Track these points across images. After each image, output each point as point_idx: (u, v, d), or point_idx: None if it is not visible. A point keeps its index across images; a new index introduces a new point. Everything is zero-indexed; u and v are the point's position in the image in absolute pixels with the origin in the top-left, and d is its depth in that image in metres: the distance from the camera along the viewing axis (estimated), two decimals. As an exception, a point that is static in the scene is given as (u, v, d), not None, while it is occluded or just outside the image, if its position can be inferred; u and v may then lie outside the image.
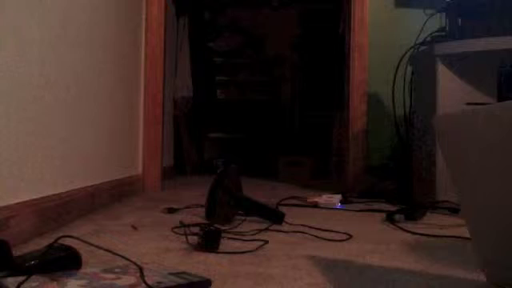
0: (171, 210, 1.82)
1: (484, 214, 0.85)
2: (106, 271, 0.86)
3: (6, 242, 0.88)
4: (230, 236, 1.33)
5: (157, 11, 2.72)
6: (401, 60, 2.40)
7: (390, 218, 1.71)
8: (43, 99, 1.38)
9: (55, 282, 0.78)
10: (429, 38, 2.25)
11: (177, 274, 0.87)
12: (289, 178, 3.93)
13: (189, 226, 1.39)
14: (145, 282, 0.78)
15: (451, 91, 2.08)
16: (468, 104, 2.04)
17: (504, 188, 0.76)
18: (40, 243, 1.16)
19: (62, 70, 1.51)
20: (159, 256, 1.12)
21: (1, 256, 0.85)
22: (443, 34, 2.20)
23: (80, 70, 1.67)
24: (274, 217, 1.58)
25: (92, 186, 1.81)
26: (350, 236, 1.40)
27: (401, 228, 1.56)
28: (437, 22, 2.47)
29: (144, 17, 2.69)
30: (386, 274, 1.01)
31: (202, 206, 1.74)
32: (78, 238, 0.87)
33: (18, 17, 1.22)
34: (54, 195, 1.44)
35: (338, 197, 2.20)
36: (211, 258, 1.11)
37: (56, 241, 0.86)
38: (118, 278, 0.82)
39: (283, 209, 1.77)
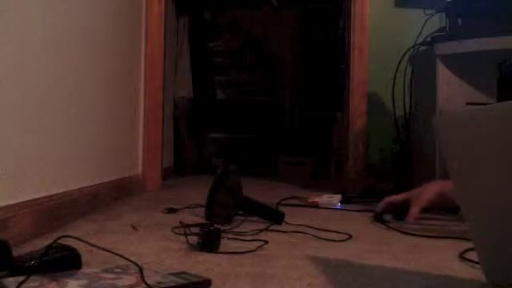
0: (171, 210, 1.82)
1: (484, 213, 0.85)
2: (105, 271, 0.86)
3: (6, 242, 0.88)
4: (230, 236, 1.33)
5: (157, 11, 2.72)
6: (401, 60, 2.40)
7: (378, 219, 1.70)
8: (42, 99, 1.38)
9: (55, 282, 0.78)
10: (429, 38, 2.25)
11: (177, 274, 0.87)
12: (289, 178, 3.93)
13: (189, 226, 1.39)
14: (145, 282, 0.78)
15: (451, 91, 2.08)
16: (468, 104, 2.04)
17: (504, 188, 0.76)
18: (40, 243, 1.16)
19: (62, 69, 1.51)
20: (159, 256, 1.12)
21: (1, 256, 0.85)
22: (443, 33, 2.20)
23: (80, 69, 1.67)
24: (274, 217, 1.58)
25: (92, 185, 1.81)
26: (350, 236, 1.40)
27: (401, 230, 1.56)
28: (437, 22, 2.46)
29: (144, 17, 2.69)
30: (386, 273, 1.01)
31: (202, 206, 1.74)
32: (78, 238, 0.87)
33: (21, 16, 1.23)
34: (54, 195, 1.44)
35: (338, 197, 2.19)
36: (211, 258, 1.11)
37: (56, 241, 0.86)
38: (118, 278, 0.82)
39: (283, 209, 1.77)
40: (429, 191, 1.63)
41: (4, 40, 1.16)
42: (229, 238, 1.30)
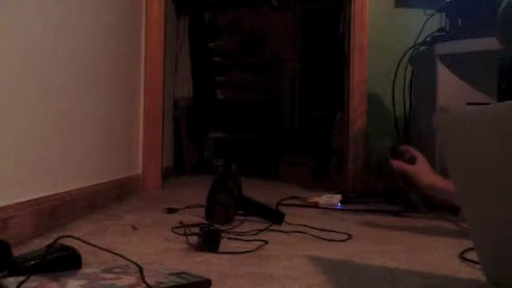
0: (171, 210, 1.82)
1: (484, 213, 0.85)
2: (105, 271, 0.86)
3: (6, 242, 0.88)
4: (230, 236, 1.33)
5: (157, 11, 2.72)
6: (401, 60, 2.40)
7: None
8: (43, 99, 1.38)
9: (55, 282, 0.78)
10: (429, 38, 2.25)
11: (177, 274, 0.87)
12: (289, 178, 3.92)
13: (189, 226, 1.39)
14: (145, 282, 0.78)
15: (451, 91, 2.08)
16: (468, 104, 2.04)
17: (504, 188, 0.76)
18: (40, 243, 1.16)
19: (61, 69, 1.51)
20: (159, 256, 1.12)
21: (1, 256, 0.85)
22: (443, 33, 2.20)
23: (80, 69, 1.67)
24: (274, 217, 1.58)
25: (92, 186, 1.81)
26: (350, 236, 1.40)
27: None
28: (437, 21, 2.46)
29: (144, 17, 2.69)
30: (386, 274, 1.01)
31: (202, 206, 1.74)
32: (78, 238, 0.87)
33: (22, 14, 1.22)
34: (54, 195, 1.44)
35: (338, 197, 2.19)
36: (211, 258, 1.11)
37: (56, 241, 0.86)
38: (118, 278, 0.82)
39: (283, 209, 1.77)
40: (426, 176, 1.61)
41: (5, 40, 1.16)
42: (229, 238, 1.30)
